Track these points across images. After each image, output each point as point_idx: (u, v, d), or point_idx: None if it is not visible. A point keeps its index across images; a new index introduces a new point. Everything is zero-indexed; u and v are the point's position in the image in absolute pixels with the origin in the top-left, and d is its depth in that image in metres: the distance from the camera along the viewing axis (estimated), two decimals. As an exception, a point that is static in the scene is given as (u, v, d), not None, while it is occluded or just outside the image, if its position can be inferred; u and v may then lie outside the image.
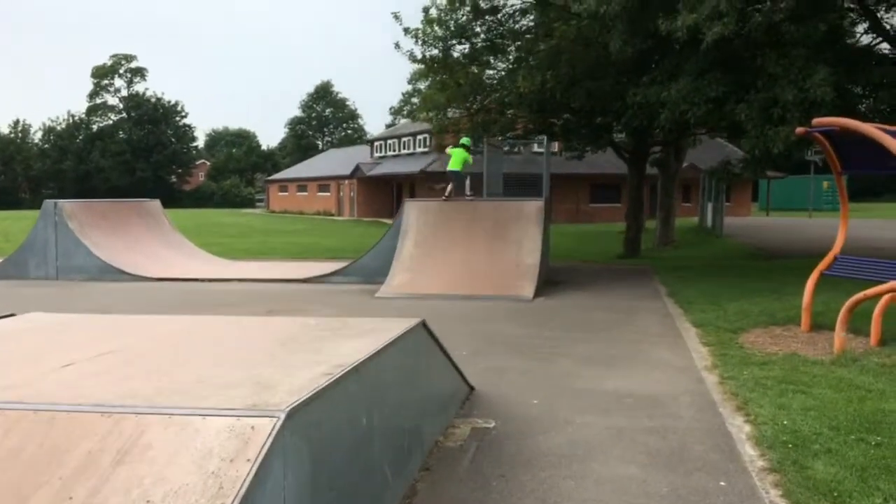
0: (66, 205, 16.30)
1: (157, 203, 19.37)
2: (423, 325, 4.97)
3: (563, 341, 9.00)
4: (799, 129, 9.15)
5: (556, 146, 25.32)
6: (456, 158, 15.01)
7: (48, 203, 16.11)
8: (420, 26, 19.06)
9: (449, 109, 20.29)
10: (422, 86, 23.74)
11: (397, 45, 19.56)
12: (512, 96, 18.76)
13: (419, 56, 19.38)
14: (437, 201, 14.58)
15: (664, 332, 9.64)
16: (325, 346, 3.98)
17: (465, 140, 15.67)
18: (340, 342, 4.14)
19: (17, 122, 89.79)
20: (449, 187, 14.87)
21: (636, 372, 7.51)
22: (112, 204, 18.89)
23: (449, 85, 19.20)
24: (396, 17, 19.06)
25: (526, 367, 7.69)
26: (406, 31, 19.10)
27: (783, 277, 14.42)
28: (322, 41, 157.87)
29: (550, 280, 14.92)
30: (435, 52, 19.38)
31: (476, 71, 18.97)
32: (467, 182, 15.25)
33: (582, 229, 34.55)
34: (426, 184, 14.65)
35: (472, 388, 6.71)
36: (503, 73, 19.91)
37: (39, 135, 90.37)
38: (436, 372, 5.36)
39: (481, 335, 9.44)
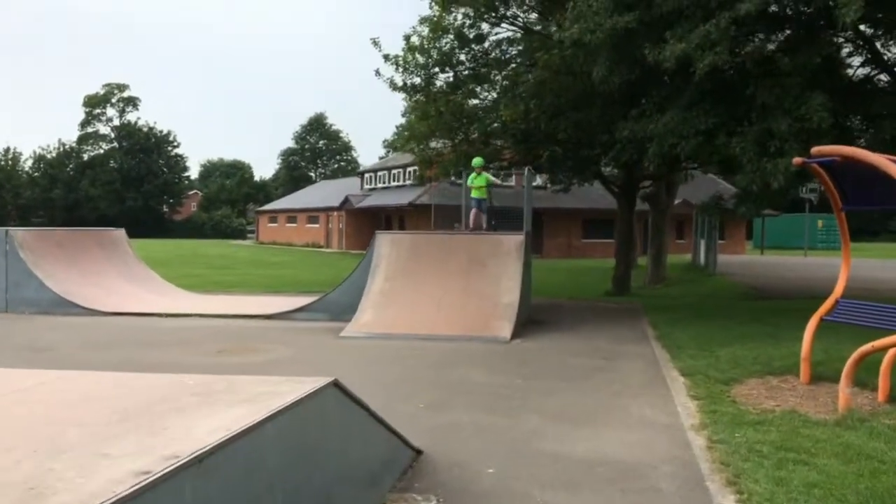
0: (18, 233, 15.36)
1: (120, 232, 18.42)
2: (336, 385, 4.01)
3: (534, 391, 8.03)
4: (796, 160, 8.30)
5: (539, 179, 24.60)
6: (484, 178, 14.80)
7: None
8: (401, 53, 18.41)
9: (432, 140, 19.54)
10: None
11: (377, 73, 18.87)
12: (495, 126, 18.02)
13: (400, 84, 18.67)
14: (411, 234, 13.68)
15: (649, 381, 8.68)
16: (178, 420, 3.05)
17: (476, 161, 15.08)
18: (205, 414, 3.20)
19: (7, 150, 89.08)
20: (476, 219, 14.69)
21: (613, 431, 6.54)
22: (70, 233, 17.94)
23: (430, 114, 18.46)
24: (376, 42, 18.41)
25: (488, 424, 6.72)
26: (386, 57, 18.43)
27: (779, 320, 13.51)
28: (318, 73, 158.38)
29: (532, 319, 13.98)
30: (416, 80, 18.70)
31: (459, 99, 18.23)
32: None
33: (573, 265, 33.68)
34: (460, 228, 13.88)
35: (418, 453, 5.72)
36: (488, 102, 19.21)
37: (30, 163, 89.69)
38: (356, 441, 4.41)
39: (445, 383, 8.47)
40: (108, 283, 16.37)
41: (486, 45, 18.89)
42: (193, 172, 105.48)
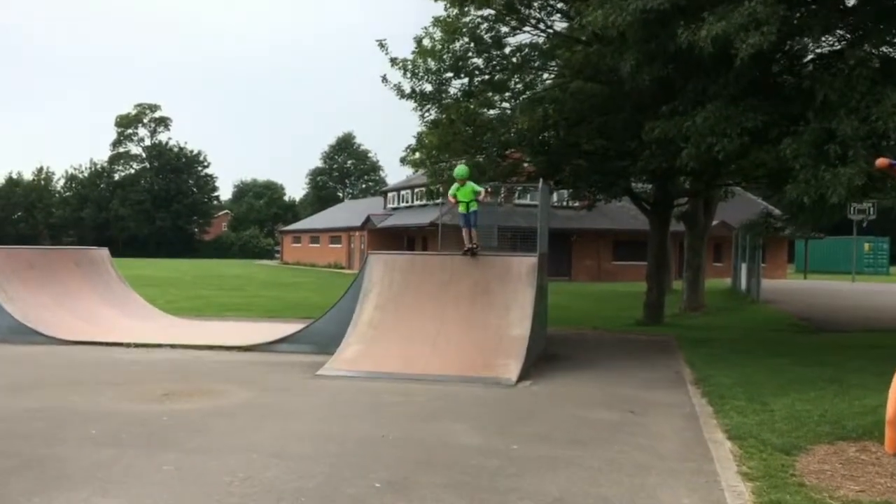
0: (-21, 252, 13.87)
1: (103, 252, 16.91)
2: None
3: (533, 464, 6.11)
4: (881, 161, 6.35)
5: (555, 196, 22.69)
6: (469, 193, 11.55)
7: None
8: (410, 57, 16.73)
9: (444, 152, 17.76)
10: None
11: (384, 79, 17.20)
12: (511, 136, 16.21)
13: (408, 91, 16.98)
14: (407, 254, 11.88)
15: (686, 449, 6.71)
16: None
17: (462, 170, 11.72)
18: None
19: (40, 170, 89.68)
20: (469, 237, 11.65)
21: (635, 536, 4.64)
22: (43, 252, 16.48)
23: (441, 122, 16.72)
24: (382, 45, 16.73)
25: (460, 519, 4.84)
26: (393, 61, 16.75)
27: (840, 360, 11.47)
28: (348, 92, 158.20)
29: (547, 354, 12.07)
30: (427, 86, 16.99)
31: (472, 107, 16.44)
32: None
33: (602, 289, 31.58)
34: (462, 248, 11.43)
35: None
36: (506, 111, 17.40)
37: (62, 182, 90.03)
38: None
39: (419, 447, 6.59)
40: (81, 308, 14.79)
41: (507, 50, 17.13)
42: (227, 192, 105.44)
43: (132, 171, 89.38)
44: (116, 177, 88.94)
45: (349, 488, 5.39)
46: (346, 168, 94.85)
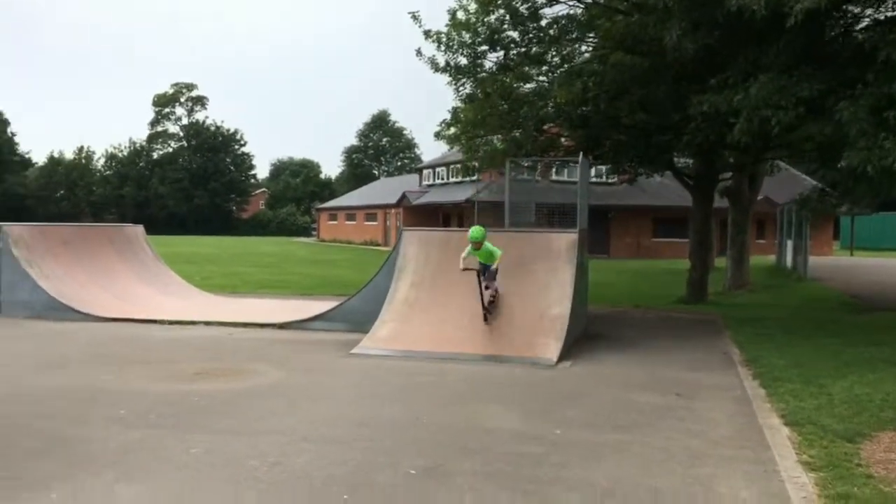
0: (14, 229, 13.80)
1: (138, 228, 16.84)
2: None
3: (577, 450, 5.77)
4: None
5: (593, 171, 22.07)
6: (485, 255, 10.02)
7: (-13, 227, 13.65)
8: (444, 29, 16.27)
9: (479, 128, 17.30)
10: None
11: (419, 52, 16.78)
12: (549, 110, 15.71)
13: (442, 64, 16.54)
14: (442, 231, 11.51)
15: (739, 435, 6.30)
16: None
17: (478, 232, 9.93)
18: None
19: (81, 149, 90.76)
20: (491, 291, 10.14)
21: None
22: (77, 229, 16.44)
23: (476, 97, 16.27)
24: (415, 17, 16.29)
25: (500, 511, 4.52)
26: (427, 34, 16.32)
27: (898, 340, 10.89)
28: (383, 68, 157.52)
29: (588, 334, 11.68)
30: (462, 60, 16.53)
31: (508, 81, 15.94)
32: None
33: (642, 266, 30.94)
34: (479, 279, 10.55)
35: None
36: (543, 84, 16.87)
37: (102, 161, 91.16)
38: None
39: (455, 432, 6.28)
40: (116, 285, 14.75)
41: (543, 22, 16.55)
42: (263, 171, 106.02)
43: (170, 149, 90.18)
44: (155, 155, 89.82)
45: (382, 476, 5.11)
46: (381, 145, 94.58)
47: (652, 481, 5.07)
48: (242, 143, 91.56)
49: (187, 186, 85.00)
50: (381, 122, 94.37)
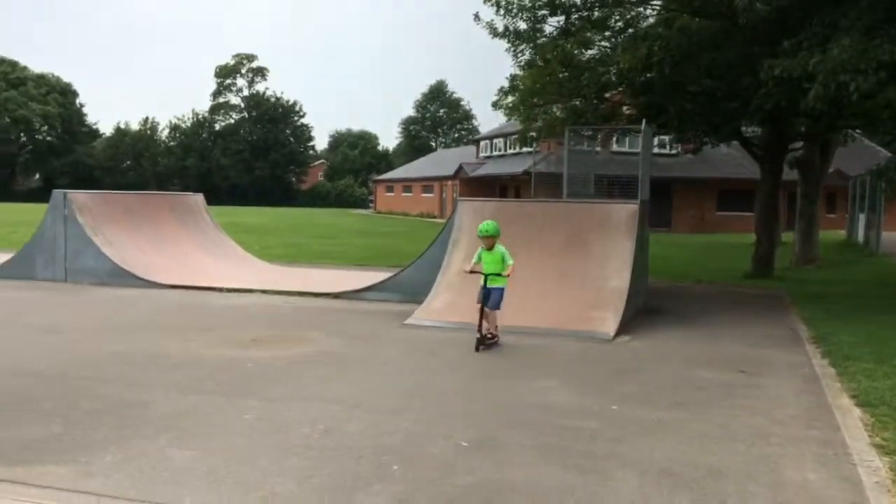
0: (78, 196, 14.12)
1: (198, 197, 17.06)
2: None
3: (635, 427, 5.58)
4: None
5: (655, 141, 21.41)
6: (495, 262, 8.32)
7: (57, 194, 13.98)
8: (504, -7, 15.91)
9: (538, 96, 16.94)
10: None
11: (477, 17, 16.50)
12: (611, 76, 15.25)
13: (501, 30, 16.22)
14: (497, 202, 11.30)
15: (807, 415, 6.01)
16: None
17: (489, 226, 8.41)
18: None
19: (146, 120, 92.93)
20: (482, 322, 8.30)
21: (756, 516, 4.07)
22: (139, 197, 16.72)
23: (535, 64, 15.92)
24: (475, -20, 15.98)
25: (553, 487, 4.37)
26: (485, -4, 15.99)
27: (981, 320, 10.30)
28: (443, 39, 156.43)
29: (647, 308, 11.38)
30: (521, 24, 16.18)
31: (569, 47, 15.52)
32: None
33: (705, 241, 30.18)
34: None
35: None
36: (605, 50, 16.39)
37: (166, 132, 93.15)
38: None
39: (508, 405, 6.15)
40: (176, 252, 15.00)
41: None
42: (322, 143, 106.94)
43: (232, 121, 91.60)
44: (217, 127, 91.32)
45: (433, 447, 5.01)
46: (438, 117, 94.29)
47: (712, 460, 4.86)
48: (302, 114, 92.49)
49: (248, 158, 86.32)
50: (438, 93, 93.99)
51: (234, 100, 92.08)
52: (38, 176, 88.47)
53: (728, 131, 16.67)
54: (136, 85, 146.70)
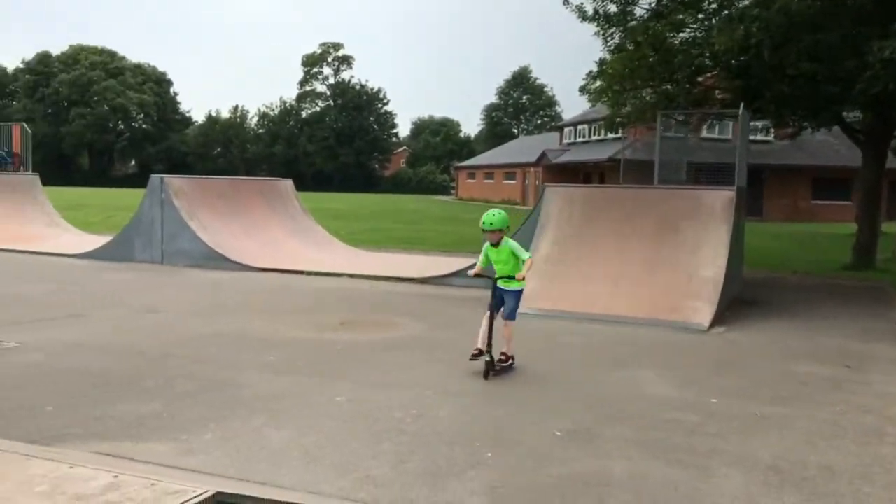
0: (175, 180, 14.60)
1: (288, 183, 17.42)
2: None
3: (737, 422, 5.37)
4: None
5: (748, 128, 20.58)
6: (505, 260, 6.71)
7: (154, 178, 14.50)
8: (593, -25, 15.56)
9: (627, 80, 16.51)
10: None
11: (566, 1, 16.18)
12: (705, 60, 14.74)
13: (590, 13, 15.87)
14: (586, 187, 11.09)
15: (922, 414, 5.68)
16: None
17: (495, 217, 6.60)
18: None
19: (236, 108, 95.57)
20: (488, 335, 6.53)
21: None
22: (231, 182, 17.18)
23: (625, 47, 15.51)
24: (564, -38, 15.67)
25: (655, 480, 4.25)
26: (576, -21, 15.67)
27: None
28: (524, 24, 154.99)
29: (741, 299, 10.98)
30: (612, 7, 15.79)
31: (660, 29, 15.05)
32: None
33: (800, 230, 28.99)
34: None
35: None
36: (698, 33, 15.82)
37: (255, 119, 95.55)
38: None
39: (601, 394, 6.02)
40: (267, 236, 15.37)
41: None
42: (404, 129, 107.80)
43: (317, 108, 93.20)
44: (304, 114, 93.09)
45: (526, 435, 4.94)
46: (521, 103, 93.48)
47: (822, 458, 4.62)
48: (385, 101, 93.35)
49: (333, 145, 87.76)
50: (521, 80, 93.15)
51: (320, 88, 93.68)
52: (133, 162, 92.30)
53: (828, 116, 15.89)
54: (227, 73, 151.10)
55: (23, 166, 21.31)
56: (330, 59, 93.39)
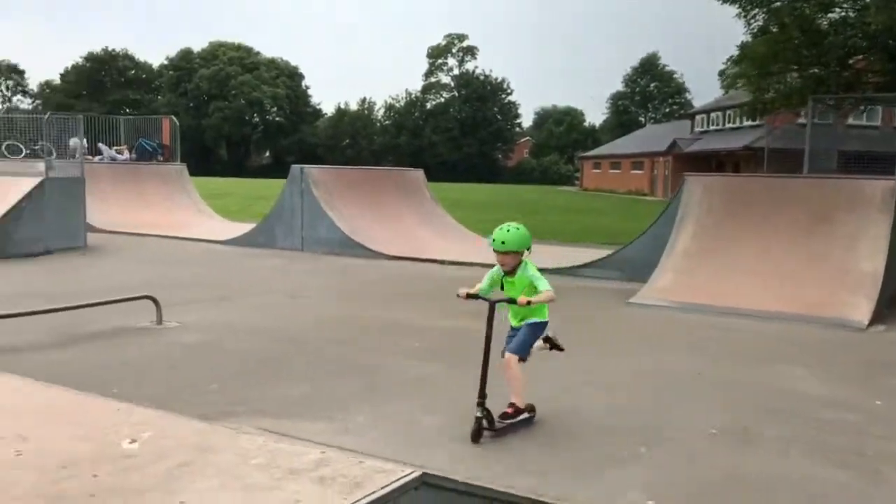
0: (314, 170, 15.13)
1: (419, 173, 17.70)
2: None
3: (906, 425, 5.03)
4: None
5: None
6: (520, 288, 5.06)
7: (295, 168, 15.08)
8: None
9: (771, 63, 15.73)
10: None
11: (706, -17, 15.60)
12: (858, 39, 13.83)
13: (733, -6, 15.23)
14: (729, 177, 10.66)
15: None
16: None
17: (509, 234, 5.01)
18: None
19: (364, 100, 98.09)
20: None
21: None
22: (366, 172, 17.63)
23: (769, 30, 14.80)
24: (705, -56, 15.09)
25: (821, 485, 4.03)
26: (717, -39, 15.06)
27: None
28: (654, 11, 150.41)
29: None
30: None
31: (807, 10, 14.27)
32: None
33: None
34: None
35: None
36: (849, 11, 14.87)
37: (382, 111, 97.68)
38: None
39: (756, 392, 5.77)
40: (400, 225, 15.68)
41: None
42: (527, 119, 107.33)
43: (442, 99, 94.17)
44: (428, 106, 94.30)
45: (680, 432, 4.80)
46: (648, 91, 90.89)
47: None
48: (509, 91, 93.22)
49: (457, 135, 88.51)
50: (649, 67, 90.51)
51: (445, 79, 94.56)
52: (267, 153, 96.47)
53: None
54: (355, 66, 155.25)
55: (172, 157, 22.72)
56: (454, 51, 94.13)
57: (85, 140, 17.92)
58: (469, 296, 5.15)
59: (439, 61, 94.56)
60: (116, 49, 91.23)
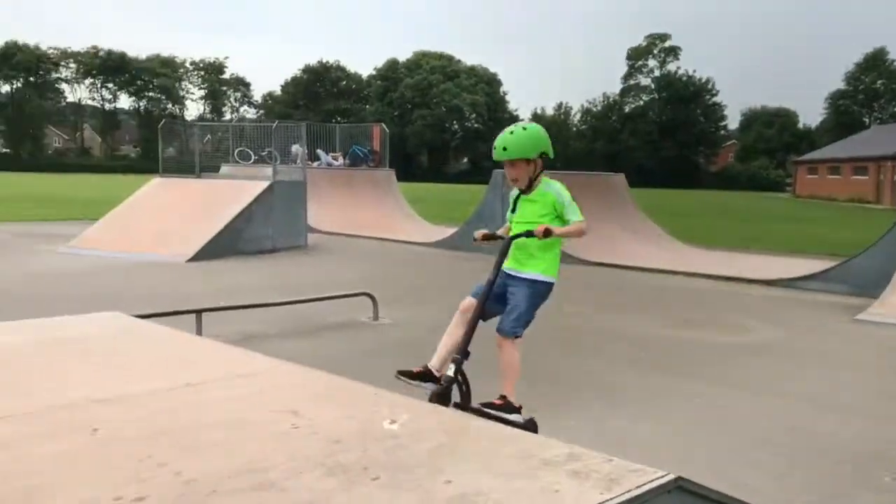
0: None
1: (619, 178, 17.39)
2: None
3: None
4: None
5: None
6: (541, 210, 4.14)
7: (497, 174, 15.31)
8: None
9: None
10: None
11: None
12: None
13: None
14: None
15: None
16: None
17: (512, 136, 4.09)
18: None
19: (560, 105, 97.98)
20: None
21: None
22: (565, 177, 17.38)
23: None
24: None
25: None
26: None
27: None
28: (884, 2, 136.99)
29: None
30: None
31: None
32: None
33: None
34: None
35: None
36: None
37: (578, 116, 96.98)
38: None
39: None
40: (603, 231, 15.47)
41: None
42: (733, 121, 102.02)
43: (641, 102, 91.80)
44: (626, 109, 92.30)
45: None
46: (874, 89, 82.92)
47: None
48: (714, 92, 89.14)
49: (656, 139, 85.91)
50: (875, 62, 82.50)
51: (644, 81, 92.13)
52: (465, 159, 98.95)
53: None
54: (552, 71, 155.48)
55: (381, 162, 23.96)
56: (656, 51, 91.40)
57: (305, 146, 19.36)
58: (486, 237, 4.37)
59: (639, 63, 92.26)
60: (330, 61, 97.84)
